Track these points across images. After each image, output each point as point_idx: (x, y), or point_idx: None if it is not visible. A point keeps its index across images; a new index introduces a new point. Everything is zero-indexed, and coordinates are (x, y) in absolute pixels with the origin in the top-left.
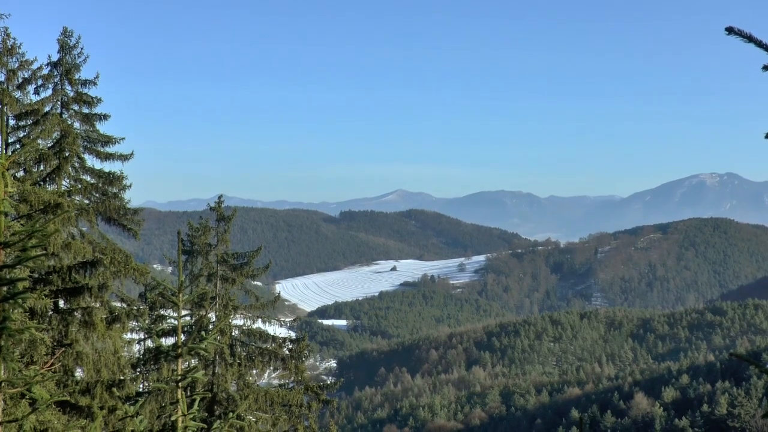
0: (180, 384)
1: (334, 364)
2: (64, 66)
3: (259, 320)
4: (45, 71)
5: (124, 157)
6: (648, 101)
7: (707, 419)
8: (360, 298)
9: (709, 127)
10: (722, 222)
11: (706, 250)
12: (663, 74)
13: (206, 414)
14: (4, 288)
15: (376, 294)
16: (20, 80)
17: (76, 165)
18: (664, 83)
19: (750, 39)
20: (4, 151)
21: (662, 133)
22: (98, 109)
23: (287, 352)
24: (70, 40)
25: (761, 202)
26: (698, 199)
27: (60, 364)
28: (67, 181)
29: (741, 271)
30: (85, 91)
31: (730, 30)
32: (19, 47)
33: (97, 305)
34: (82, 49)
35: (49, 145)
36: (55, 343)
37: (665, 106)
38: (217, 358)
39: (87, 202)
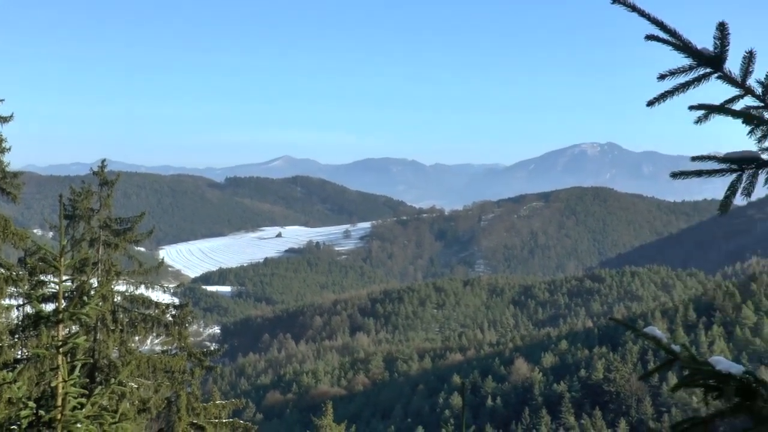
0: (60, 350)
1: (218, 331)
2: None
3: (142, 286)
4: None
5: (3, 119)
6: (533, 70)
7: (584, 384)
8: (245, 265)
9: (592, 97)
10: (602, 191)
11: (586, 218)
12: (547, 45)
13: (87, 380)
14: None
15: (261, 260)
16: None
17: None
18: (549, 53)
19: (633, 9)
20: None
21: (547, 103)
22: None
23: (170, 319)
24: None
25: (639, 171)
26: (580, 168)
27: None
28: None
29: (619, 239)
30: None
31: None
32: None
33: None
34: None
35: None
36: None
37: (550, 76)
38: (98, 324)
39: None
